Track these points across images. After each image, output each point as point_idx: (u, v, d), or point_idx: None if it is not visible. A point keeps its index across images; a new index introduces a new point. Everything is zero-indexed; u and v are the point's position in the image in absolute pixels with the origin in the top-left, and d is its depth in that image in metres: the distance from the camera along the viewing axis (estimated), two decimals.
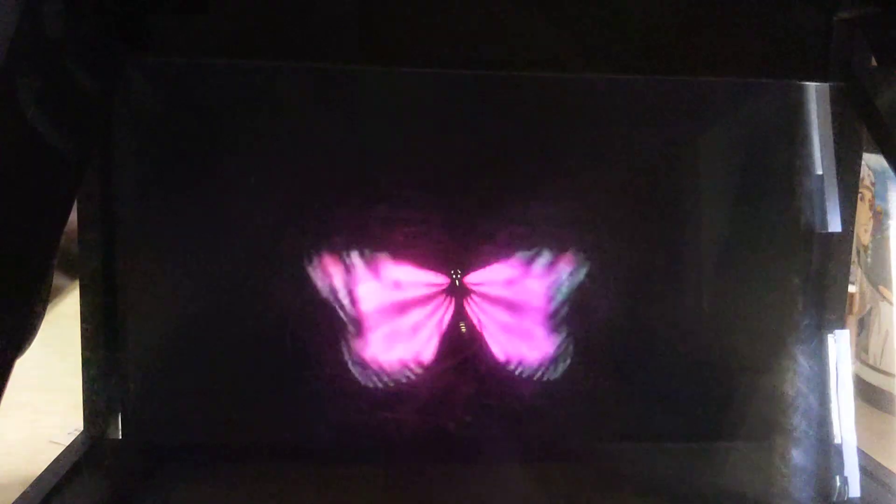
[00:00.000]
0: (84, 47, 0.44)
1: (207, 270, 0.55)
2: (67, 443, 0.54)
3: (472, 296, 0.57)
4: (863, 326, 0.79)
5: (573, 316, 0.57)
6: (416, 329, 0.57)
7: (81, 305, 0.53)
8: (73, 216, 0.52)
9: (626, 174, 0.56)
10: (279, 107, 0.53)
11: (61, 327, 0.71)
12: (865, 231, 0.77)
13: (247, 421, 0.56)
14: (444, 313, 0.57)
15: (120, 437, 0.54)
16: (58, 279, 0.85)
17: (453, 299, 0.57)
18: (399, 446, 0.56)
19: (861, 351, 0.78)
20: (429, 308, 0.57)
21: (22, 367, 0.37)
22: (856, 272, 0.79)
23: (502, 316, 0.57)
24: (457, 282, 0.56)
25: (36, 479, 0.48)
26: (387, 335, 0.57)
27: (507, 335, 0.57)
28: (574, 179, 0.56)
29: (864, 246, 0.77)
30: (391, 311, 0.57)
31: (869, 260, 0.77)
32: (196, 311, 0.55)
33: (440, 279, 0.56)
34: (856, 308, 0.80)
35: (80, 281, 0.53)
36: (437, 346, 0.57)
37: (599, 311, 0.57)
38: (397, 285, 0.56)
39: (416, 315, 0.57)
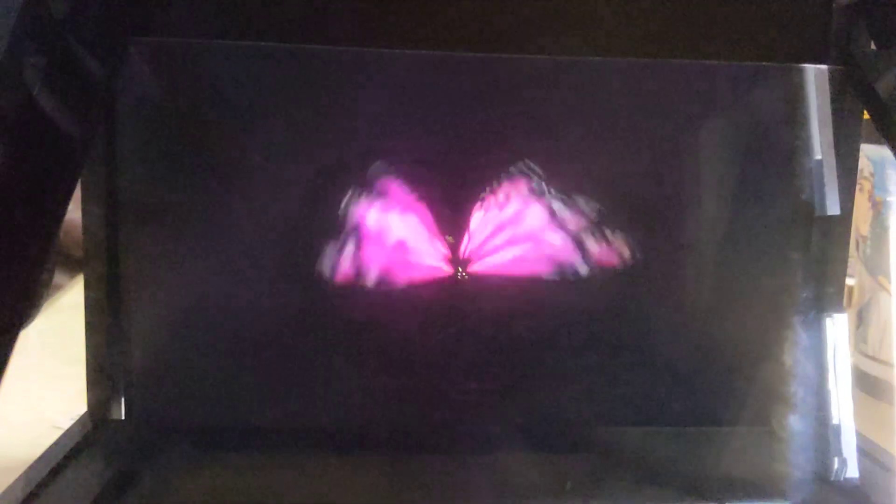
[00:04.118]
0: (88, 28, 0.44)
1: (211, 254, 0.55)
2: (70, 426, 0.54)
3: (478, 282, 0.57)
4: (861, 317, 0.79)
5: (575, 300, 0.57)
6: (421, 314, 0.57)
7: (85, 290, 0.53)
8: (77, 215, 0.52)
9: (627, 156, 0.56)
10: (282, 89, 0.53)
11: (63, 319, 0.72)
12: (864, 222, 0.77)
13: (249, 403, 0.56)
14: (449, 300, 0.58)
15: (122, 419, 0.54)
16: (58, 277, 0.86)
17: (458, 287, 0.57)
18: (401, 431, 0.57)
19: (860, 341, 0.78)
20: (434, 295, 0.57)
21: (26, 354, 0.38)
22: (854, 264, 0.79)
23: (507, 300, 0.57)
24: (461, 273, 0.57)
25: (37, 460, 0.48)
26: (391, 321, 0.57)
27: (512, 320, 0.58)
28: (576, 161, 0.57)
29: (862, 237, 0.78)
30: (396, 297, 0.57)
31: (868, 250, 0.78)
32: (199, 294, 0.56)
33: (445, 267, 0.57)
34: (854, 299, 0.81)
35: (84, 265, 0.53)
36: (441, 332, 0.57)
37: (599, 295, 0.57)
38: (401, 271, 0.57)
39: (422, 301, 0.57)
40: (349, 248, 0.55)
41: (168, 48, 0.50)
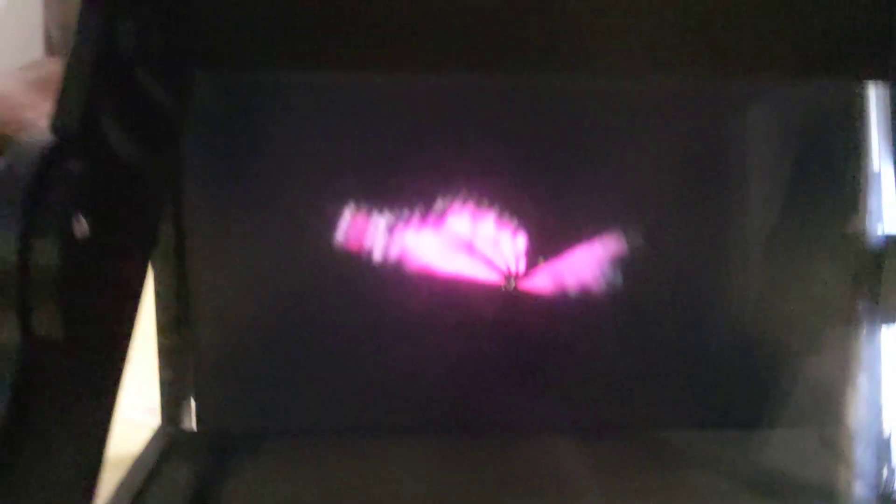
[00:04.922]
0: (155, 63, 0.45)
1: (274, 266, 0.57)
2: (141, 419, 0.57)
3: (526, 289, 0.58)
4: None
5: (621, 302, 0.58)
6: (474, 319, 0.59)
7: (156, 306, 0.55)
8: None
9: (680, 168, 0.57)
10: (339, 116, 0.54)
11: None
12: None
13: (315, 406, 0.59)
14: (499, 306, 0.59)
15: (195, 429, 0.57)
16: None
17: (508, 293, 0.58)
18: (455, 431, 0.59)
19: None
20: (485, 301, 0.59)
21: None
22: None
23: (549, 302, 0.59)
24: (509, 279, 0.58)
25: (125, 476, 0.51)
26: (440, 320, 0.59)
27: (553, 320, 0.59)
28: (629, 173, 0.57)
29: None
30: (444, 297, 0.58)
31: None
32: (265, 304, 0.58)
33: (491, 271, 0.58)
34: None
35: (154, 281, 0.55)
36: (492, 337, 0.59)
37: (650, 300, 0.58)
38: (449, 273, 0.58)
39: (467, 301, 0.59)
40: (402, 259, 0.57)
41: (233, 81, 0.51)
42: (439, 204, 0.57)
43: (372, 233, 0.57)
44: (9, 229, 0.33)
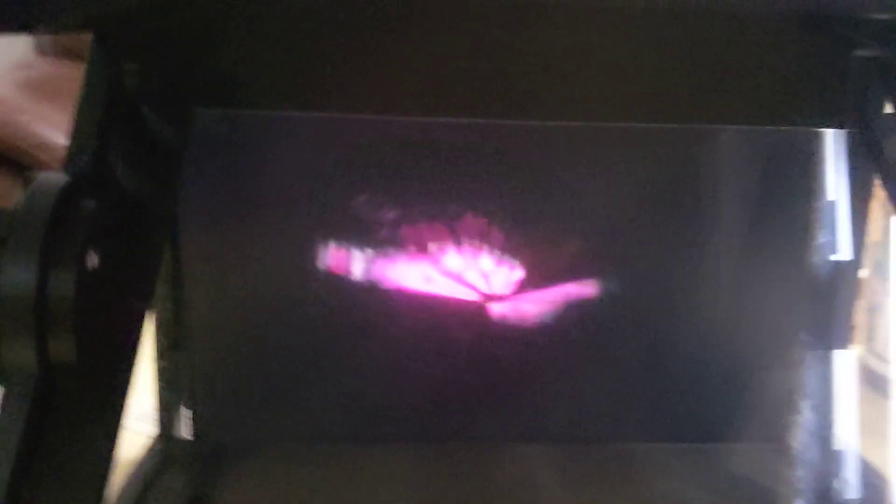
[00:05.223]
0: (157, 102, 0.48)
1: (266, 287, 0.60)
2: (135, 426, 0.60)
3: (505, 305, 0.62)
4: (871, 316, 0.83)
5: (589, 320, 0.62)
6: (447, 331, 0.62)
7: (155, 326, 0.58)
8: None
9: (646, 195, 0.60)
10: (328, 149, 0.58)
11: None
12: (878, 227, 0.80)
13: (305, 418, 0.62)
14: (470, 318, 0.62)
15: (192, 438, 0.60)
16: None
17: (483, 301, 0.62)
18: (451, 435, 0.63)
19: (868, 339, 0.83)
20: (459, 315, 0.62)
21: None
22: (866, 260, 0.82)
23: (522, 319, 0.62)
24: (491, 297, 0.61)
25: (123, 485, 0.54)
26: (425, 338, 0.62)
27: (525, 337, 0.62)
28: (598, 200, 0.61)
29: (873, 242, 0.81)
30: (427, 316, 0.62)
31: (879, 254, 0.81)
32: (256, 324, 0.61)
33: (470, 292, 0.61)
34: (865, 298, 0.85)
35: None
36: (463, 347, 0.62)
37: (618, 320, 0.62)
38: (430, 294, 0.61)
39: (447, 319, 0.62)
40: (397, 282, 0.60)
41: (231, 119, 0.54)
42: (422, 232, 0.60)
43: (358, 258, 0.60)
44: (29, 262, 0.36)
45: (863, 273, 0.81)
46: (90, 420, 0.39)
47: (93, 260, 0.39)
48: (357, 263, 0.59)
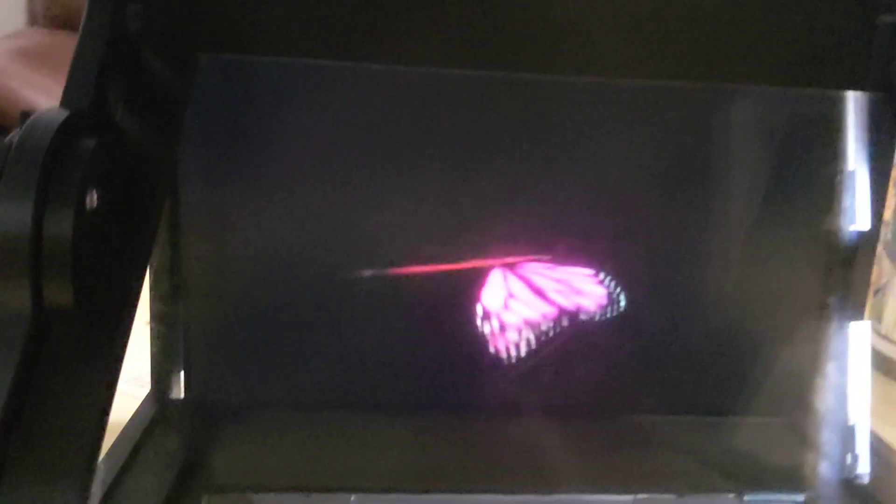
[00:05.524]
0: (160, 46, 0.46)
1: (267, 243, 0.58)
2: (128, 389, 0.59)
3: (511, 264, 0.60)
4: (878, 297, 0.82)
5: (598, 291, 0.60)
6: (451, 297, 0.60)
7: (149, 278, 0.56)
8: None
9: (659, 165, 0.59)
10: (338, 103, 0.56)
11: None
12: (889, 207, 0.79)
13: (302, 381, 0.60)
14: (478, 288, 0.61)
15: (183, 397, 0.58)
16: None
17: (493, 266, 0.60)
18: (452, 403, 0.61)
19: (875, 321, 0.82)
20: (468, 282, 0.60)
21: None
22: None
23: (530, 293, 0.61)
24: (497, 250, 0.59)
25: (113, 446, 0.52)
26: (427, 302, 0.60)
27: (535, 310, 0.61)
28: (610, 176, 0.59)
29: (884, 221, 0.80)
30: (430, 282, 0.60)
31: (889, 235, 0.80)
32: (254, 281, 0.59)
33: (480, 258, 0.60)
34: (873, 279, 0.83)
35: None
36: (467, 313, 0.61)
37: (624, 288, 0.60)
38: (446, 252, 0.59)
39: (461, 279, 0.60)
40: (394, 240, 0.58)
41: (238, 66, 0.52)
42: (432, 193, 0.58)
43: (364, 218, 0.58)
44: (24, 201, 0.34)
45: None
46: (85, 369, 0.37)
47: (92, 200, 0.37)
48: (362, 223, 0.58)
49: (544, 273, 0.60)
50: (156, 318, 0.57)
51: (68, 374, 0.37)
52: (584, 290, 0.60)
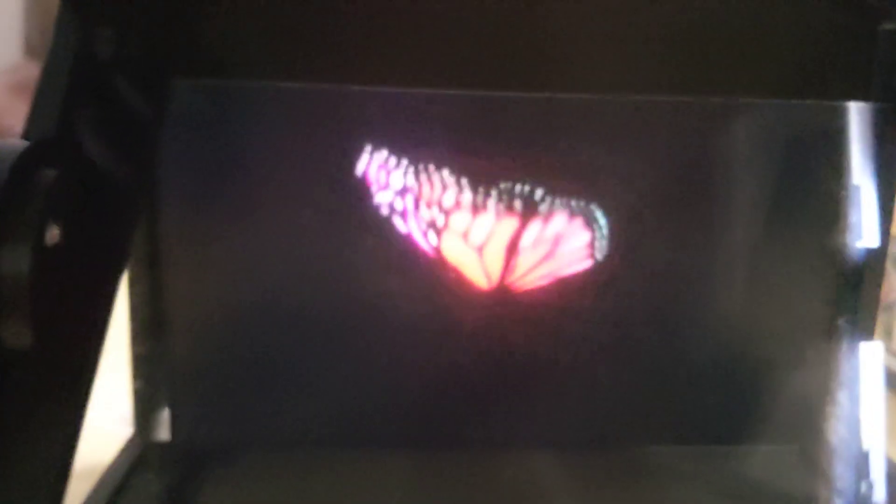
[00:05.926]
0: (133, 71, 0.44)
1: (250, 276, 0.57)
2: (112, 428, 0.56)
3: (511, 297, 0.58)
4: (889, 313, 0.79)
5: (602, 317, 0.58)
6: (448, 326, 0.58)
7: (130, 315, 0.55)
8: None
9: (662, 181, 0.57)
10: (315, 124, 0.54)
11: None
12: None
13: (290, 418, 0.58)
14: (483, 314, 0.58)
15: (169, 440, 0.56)
16: None
17: (487, 302, 0.58)
18: (441, 439, 0.59)
19: (885, 337, 0.79)
20: (468, 310, 0.58)
21: None
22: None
23: (532, 316, 0.58)
24: (495, 288, 0.58)
25: (96, 486, 0.50)
26: (421, 332, 0.58)
27: (533, 335, 0.59)
28: (614, 191, 0.57)
29: (892, 236, 0.78)
30: (425, 309, 0.58)
31: None
32: (241, 313, 0.57)
33: (476, 279, 0.58)
34: (882, 293, 0.81)
35: (129, 287, 0.55)
36: (466, 344, 0.58)
37: (631, 315, 0.58)
38: (436, 275, 0.57)
39: (448, 313, 0.58)
40: (382, 273, 0.56)
41: (210, 89, 0.51)
42: (420, 215, 0.56)
43: (350, 245, 0.56)
44: None
45: None
46: (46, 414, 0.35)
47: (53, 235, 0.35)
48: (348, 251, 0.56)
49: (541, 296, 0.58)
50: (137, 356, 0.55)
51: (28, 419, 0.35)
52: (584, 316, 0.58)
